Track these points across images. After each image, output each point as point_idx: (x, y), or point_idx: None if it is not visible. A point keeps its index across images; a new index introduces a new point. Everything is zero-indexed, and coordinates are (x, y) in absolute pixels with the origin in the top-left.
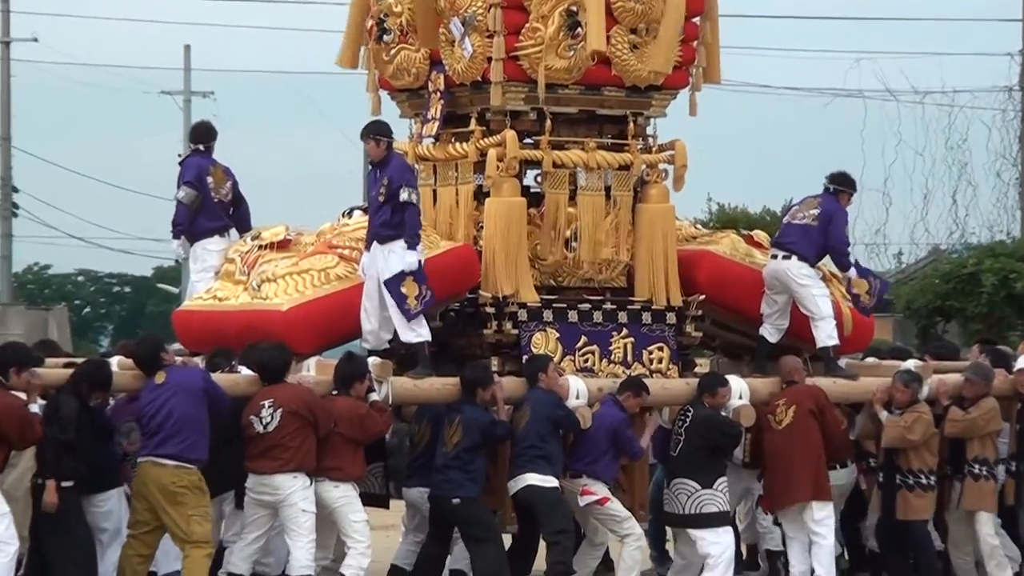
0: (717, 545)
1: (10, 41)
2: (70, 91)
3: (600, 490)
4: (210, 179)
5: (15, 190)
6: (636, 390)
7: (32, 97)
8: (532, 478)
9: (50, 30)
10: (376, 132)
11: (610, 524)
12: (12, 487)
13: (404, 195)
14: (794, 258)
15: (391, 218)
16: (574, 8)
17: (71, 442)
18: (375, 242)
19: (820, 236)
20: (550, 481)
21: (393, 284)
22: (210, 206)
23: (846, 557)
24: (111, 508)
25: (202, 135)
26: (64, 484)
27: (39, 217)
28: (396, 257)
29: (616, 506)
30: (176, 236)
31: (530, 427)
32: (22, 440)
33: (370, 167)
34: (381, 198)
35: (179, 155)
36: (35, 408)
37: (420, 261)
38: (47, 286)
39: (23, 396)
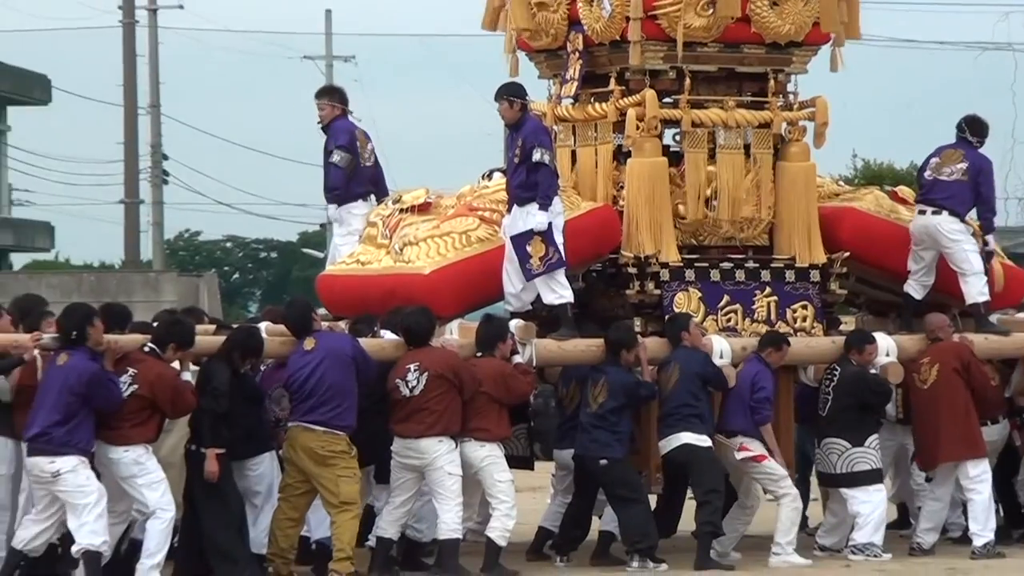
0: (867, 504)
1: (156, 8)
2: (215, 57)
3: (756, 447)
4: (357, 143)
5: (165, 157)
6: (777, 344)
7: (179, 64)
8: (687, 437)
9: None
10: (510, 93)
11: (766, 483)
12: (168, 454)
13: (537, 155)
14: (944, 213)
15: (527, 179)
16: None
17: (224, 411)
18: (515, 204)
19: (971, 191)
20: (705, 440)
21: (519, 241)
22: (358, 170)
23: (1000, 513)
24: (263, 472)
25: (344, 96)
26: (217, 451)
27: (188, 184)
28: (532, 218)
29: (772, 464)
30: (333, 201)
31: (680, 386)
32: (175, 409)
33: (506, 129)
34: (516, 160)
35: (318, 121)
36: (188, 376)
37: (550, 223)
38: (197, 252)
39: (176, 365)
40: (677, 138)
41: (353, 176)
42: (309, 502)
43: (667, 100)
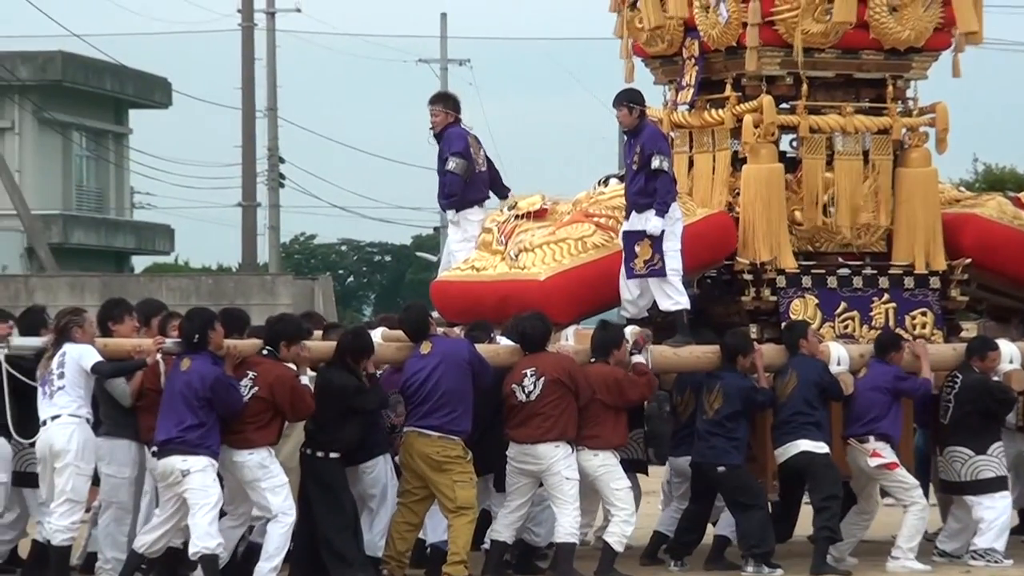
0: (992, 510)
1: (275, 12)
2: (331, 61)
3: (889, 455)
4: (471, 149)
5: (281, 160)
6: (896, 346)
7: (296, 68)
8: (805, 444)
9: (313, 0)
10: (628, 100)
11: (896, 491)
12: (287, 459)
13: (656, 162)
14: None
15: (645, 186)
16: None
17: (342, 414)
18: (633, 211)
19: None
20: (822, 447)
21: (628, 238)
22: (473, 176)
23: None
24: (377, 475)
25: (457, 104)
26: (332, 455)
27: (304, 187)
28: (648, 222)
29: (904, 473)
30: (451, 207)
31: (797, 393)
32: (294, 411)
33: (624, 135)
34: (635, 166)
35: (431, 127)
36: (305, 380)
37: (664, 230)
38: (312, 256)
39: (293, 367)
40: (793, 144)
41: (469, 182)
42: (427, 508)
43: (784, 106)
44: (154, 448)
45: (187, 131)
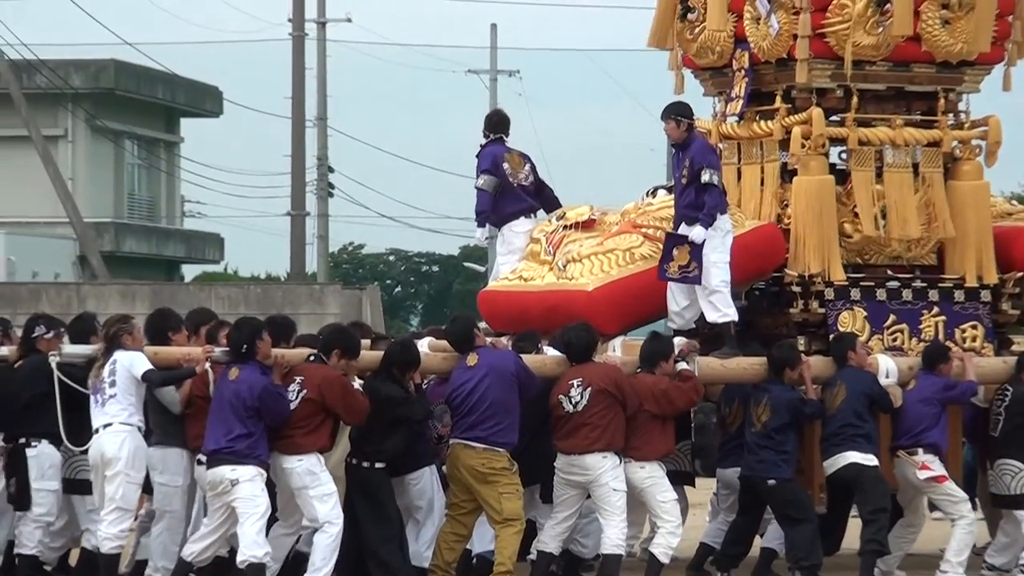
0: None
1: (325, 22)
2: (381, 71)
3: (938, 468)
4: (506, 165)
5: (331, 170)
6: (944, 357)
7: (345, 77)
8: (854, 456)
9: (363, 10)
10: (677, 113)
11: (945, 504)
12: (334, 468)
13: (706, 176)
14: None
15: (695, 199)
16: None
17: (388, 424)
18: (683, 223)
19: None
20: (871, 459)
21: (670, 241)
22: (511, 190)
23: None
24: (423, 486)
25: (496, 125)
26: (377, 465)
27: (352, 197)
28: (692, 231)
29: (952, 486)
30: (480, 224)
31: (847, 405)
32: (347, 409)
33: (672, 148)
34: (684, 180)
35: (481, 144)
36: (356, 384)
37: (705, 240)
38: (361, 265)
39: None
40: (843, 156)
41: (504, 196)
42: (475, 520)
43: (833, 118)
44: (201, 457)
45: (237, 140)
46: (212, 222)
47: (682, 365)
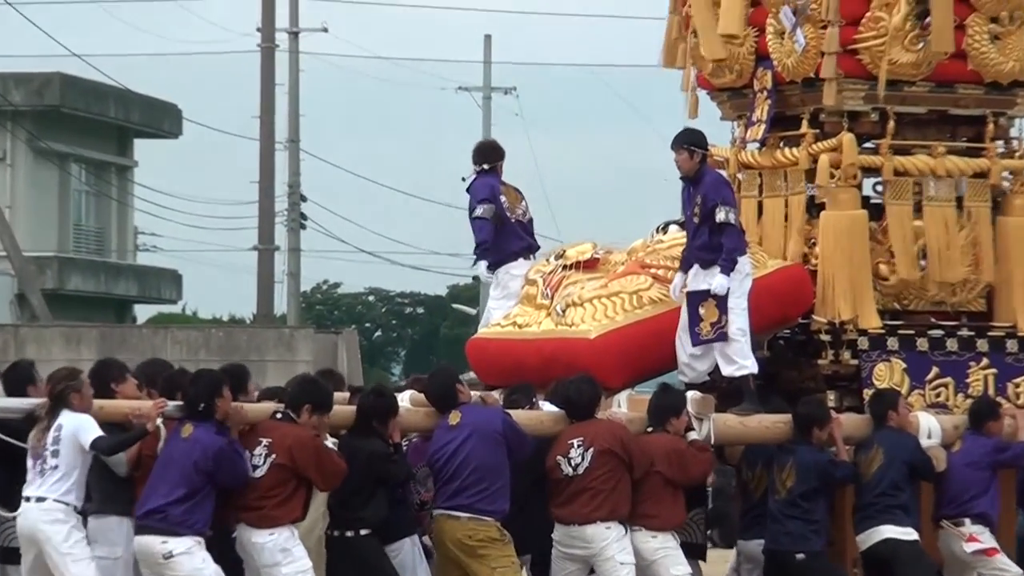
0: None
1: (299, 32)
2: (361, 87)
3: (987, 539)
4: (503, 199)
5: (303, 199)
6: (994, 414)
7: (321, 94)
8: (890, 531)
9: (341, 19)
10: (690, 142)
11: None
12: (304, 536)
13: (721, 215)
14: None
15: (710, 240)
16: None
17: (371, 485)
18: (697, 265)
19: None
20: (910, 534)
21: (694, 300)
22: (508, 226)
23: None
24: (403, 559)
25: (488, 154)
26: (363, 532)
27: (328, 229)
28: (713, 280)
29: (1005, 560)
30: (482, 257)
31: (883, 473)
32: (323, 475)
33: (681, 182)
34: (696, 219)
35: (463, 179)
36: (330, 443)
37: (730, 288)
38: (336, 307)
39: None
40: (878, 188)
41: (501, 233)
42: None
43: (867, 145)
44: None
45: (198, 164)
46: (169, 257)
47: (692, 435)
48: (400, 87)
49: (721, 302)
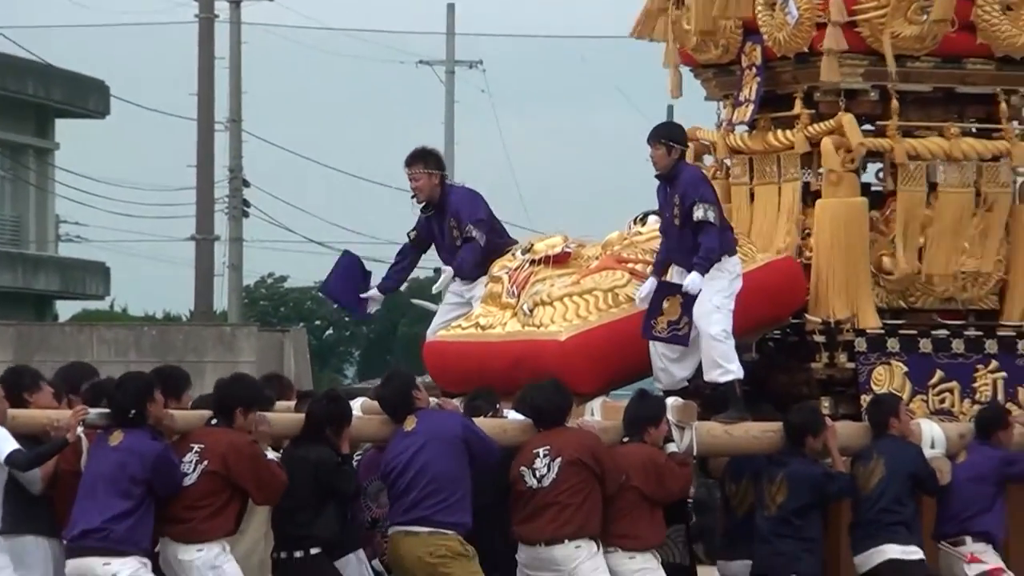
0: None
1: (240, 0)
2: (310, 61)
3: (990, 558)
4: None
5: (246, 184)
6: (1002, 423)
7: (265, 70)
8: (893, 550)
9: None
10: (669, 137)
11: None
12: (243, 560)
13: (699, 212)
14: None
15: (693, 243)
16: None
17: (320, 498)
18: (683, 270)
19: None
20: (914, 552)
21: (660, 290)
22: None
23: None
24: (351, 574)
25: (440, 161)
26: (313, 551)
27: (273, 217)
28: (688, 278)
29: None
30: (463, 277)
31: (884, 486)
32: (259, 486)
33: (656, 180)
34: (677, 221)
35: (408, 234)
36: (272, 456)
37: (700, 291)
38: (283, 302)
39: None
40: (879, 175)
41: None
42: None
43: (866, 127)
44: (66, 542)
45: (128, 147)
46: (95, 248)
47: (671, 446)
48: (354, 61)
49: (687, 302)
